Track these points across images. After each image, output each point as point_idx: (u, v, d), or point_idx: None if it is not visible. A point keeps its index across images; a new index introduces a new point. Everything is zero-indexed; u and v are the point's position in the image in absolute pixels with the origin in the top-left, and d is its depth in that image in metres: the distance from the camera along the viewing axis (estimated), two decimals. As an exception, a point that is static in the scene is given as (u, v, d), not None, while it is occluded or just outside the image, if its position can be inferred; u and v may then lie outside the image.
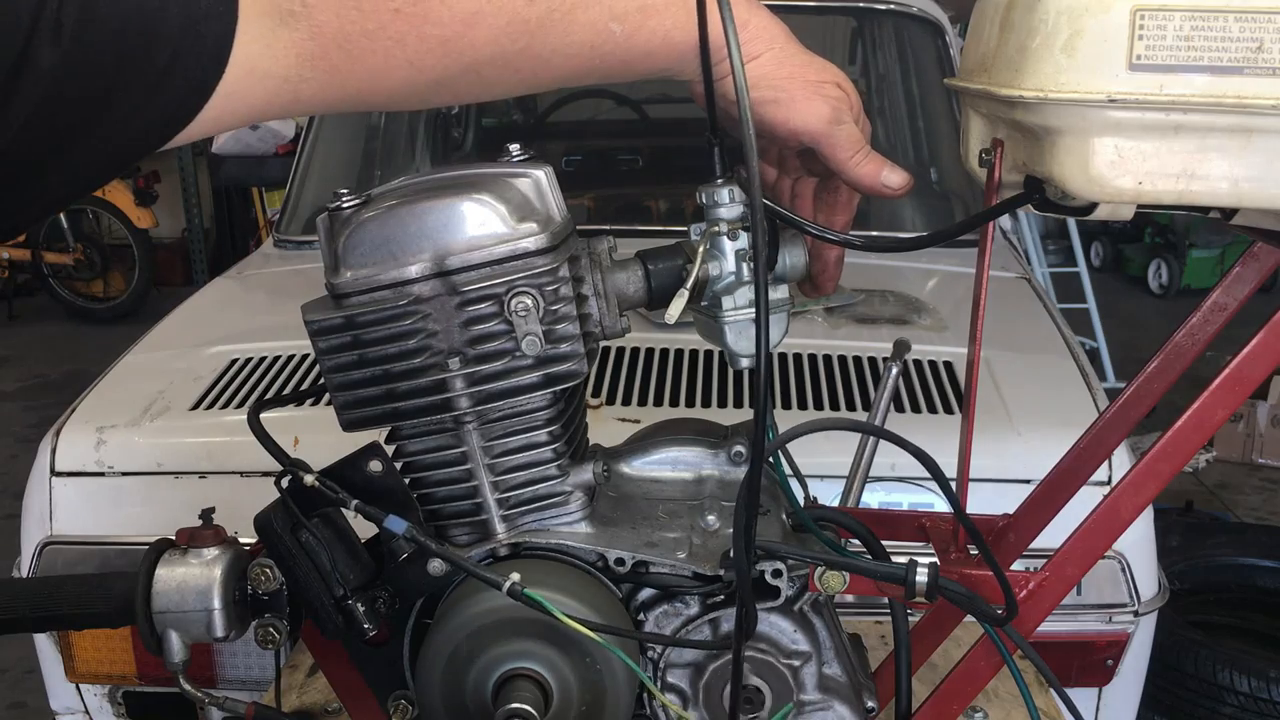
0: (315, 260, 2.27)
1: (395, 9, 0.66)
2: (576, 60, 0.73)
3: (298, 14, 0.63)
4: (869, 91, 3.28)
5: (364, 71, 0.67)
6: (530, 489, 0.86)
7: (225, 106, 0.62)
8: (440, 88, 0.71)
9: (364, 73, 0.67)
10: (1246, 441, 4.48)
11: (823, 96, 0.80)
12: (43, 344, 6.39)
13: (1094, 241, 7.55)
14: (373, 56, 0.66)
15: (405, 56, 0.67)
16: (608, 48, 0.73)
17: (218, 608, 0.85)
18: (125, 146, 0.61)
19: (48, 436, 1.73)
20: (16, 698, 3.07)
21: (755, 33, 0.78)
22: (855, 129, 0.81)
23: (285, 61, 0.64)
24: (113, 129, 0.59)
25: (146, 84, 0.58)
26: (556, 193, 0.84)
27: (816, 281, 0.89)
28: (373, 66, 0.67)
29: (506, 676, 0.82)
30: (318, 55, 0.65)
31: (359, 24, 0.65)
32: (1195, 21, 0.66)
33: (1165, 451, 0.80)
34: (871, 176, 0.82)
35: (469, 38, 0.68)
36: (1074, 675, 1.66)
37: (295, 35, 0.63)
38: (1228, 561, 2.88)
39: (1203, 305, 0.91)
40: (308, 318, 0.81)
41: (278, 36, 0.63)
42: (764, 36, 0.78)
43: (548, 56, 0.72)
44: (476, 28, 0.68)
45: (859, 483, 1.05)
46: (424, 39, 0.67)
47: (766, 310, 0.73)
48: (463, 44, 0.68)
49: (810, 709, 0.90)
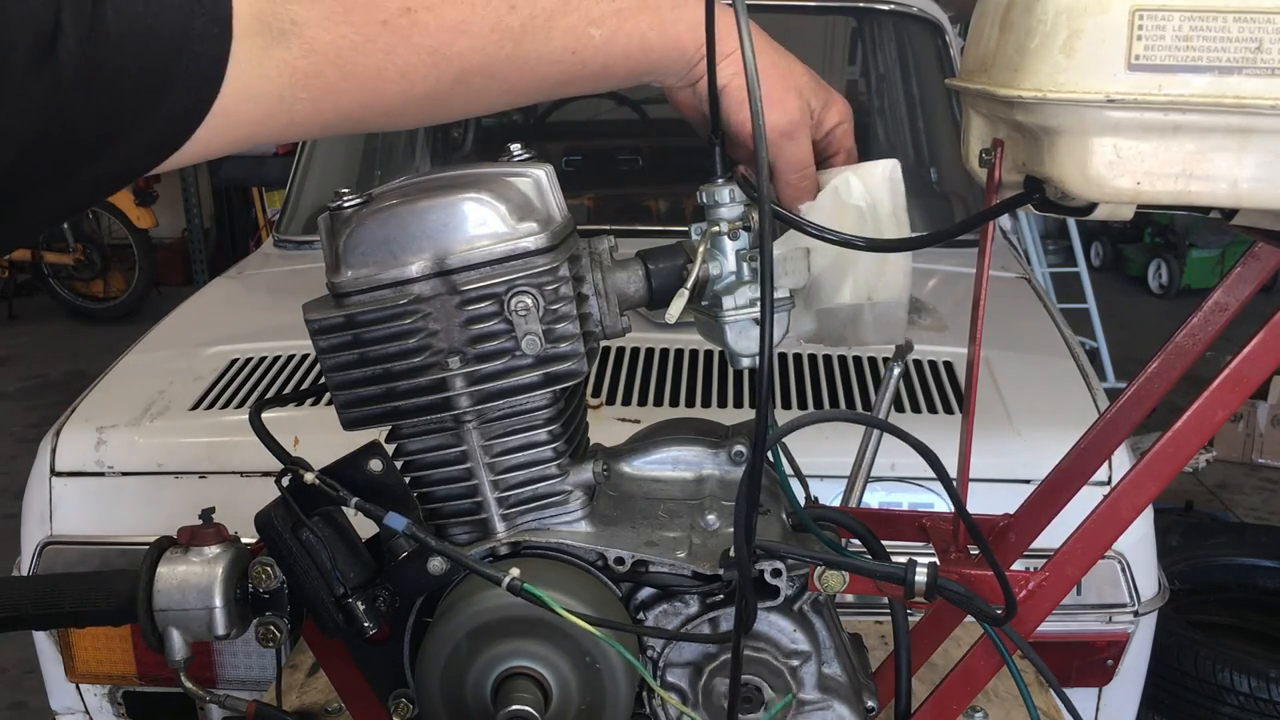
0: (315, 260, 2.27)
1: (383, 21, 0.66)
2: (559, 67, 0.74)
3: (289, 32, 0.63)
4: (869, 92, 3.28)
5: (357, 87, 0.67)
6: (530, 488, 0.86)
7: (219, 128, 0.62)
8: (432, 102, 0.72)
9: (357, 89, 0.67)
10: (1246, 441, 4.48)
11: (783, 106, 0.81)
12: (43, 344, 6.39)
13: (1094, 241, 7.55)
14: (365, 71, 0.67)
15: (396, 69, 0.68)
16: (588, 52, 0.74)
17: (219, 606, 0.85)
18: (117, 170, 0.60)
19: (48, 436, 1.73)
20: (16, 698, 3.07)
21: (726, 30, 0.78)
22: (805, 146, 0.82)
23: (279, 81, 0.64)
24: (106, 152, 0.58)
25: (140, 105, 0.58)
26: (557, 192, 0.84)
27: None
28: (365, 81, 0.67)
29: (506, 675, 0.82)
30: (311, 74, 0.65)
31: (349, 38, 0.65)
32: (1194, 22, 0.66)
33: (1165, 452, 0.80)
34: (791, 199, 0.84)
35: (457, 46, 0.69)
36: (1074, 675, 1.66)
37: (288, 54, 0.63)
38: (1228, 561, 2.88)
39: (1203, 305, 0.91)
40: (308, 317, 0.81)
41: (270, 55, 0.63)
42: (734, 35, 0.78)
43: (532, 64, 0.73)
44: (463, 36, 0.69)
45: (861, 482, 1.05)
46: (414, 49, 0.68)
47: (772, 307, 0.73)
48: (451, 53, 0.69)
49: (810, 708, 0.90)
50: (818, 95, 0.83)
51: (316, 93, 0.66)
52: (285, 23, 0.63)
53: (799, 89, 0.81)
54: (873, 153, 0.87)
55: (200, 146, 0.63)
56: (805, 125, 0.82)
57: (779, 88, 0.80)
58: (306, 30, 0.64)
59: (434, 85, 0.70)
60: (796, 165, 0.83)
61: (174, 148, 0.62)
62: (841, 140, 0.86)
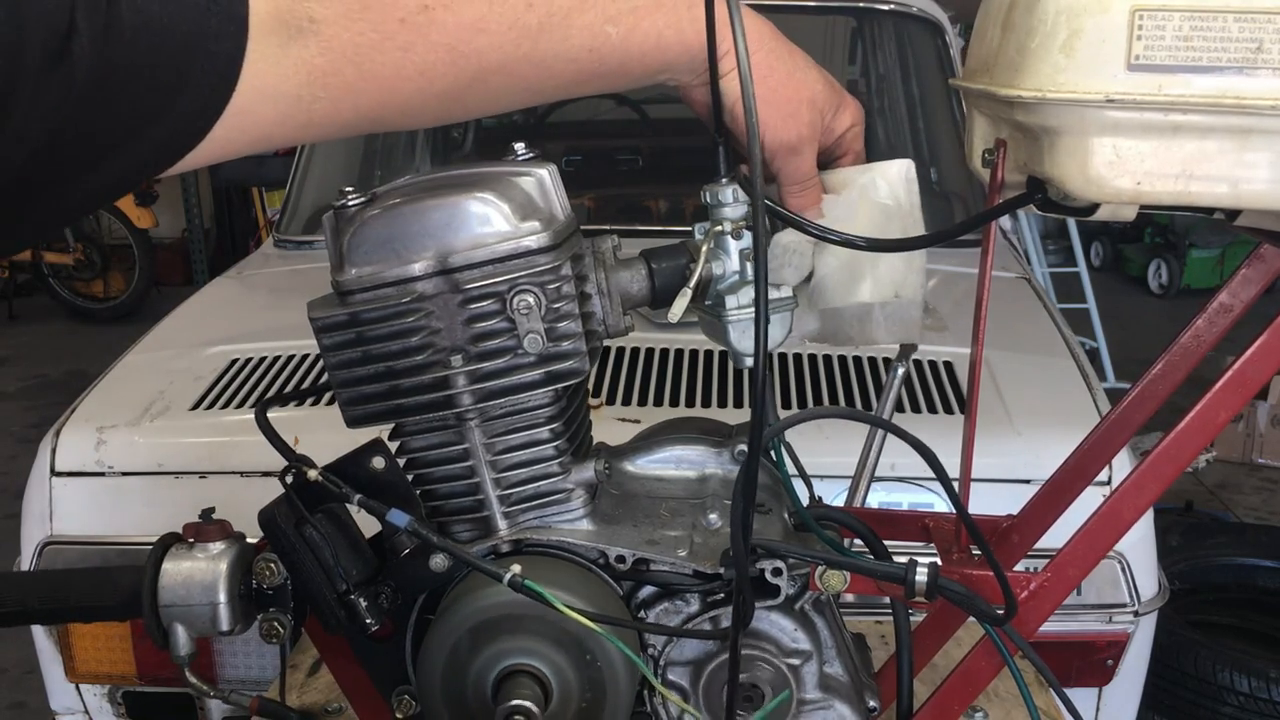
0: (315, 260, 2.28)
1: (401, 19, 0.66)
2: (576, 65, 0.74)
3: (306, 30, 0.63)
4: (869, 92, 3.28)
5: (375, 85, 0.67)
6: (532, 486, 0.87)
7: (235, 126, 0.62)
8: (450, 100, 0.72)
9: (375, 87, 0.67)
10: (1246, 441, 4.48)
11: (794, 121, 0.80)
12: (43, 344, 6.39)
13: (1094, 241, 7.55)
14: (383, 69, 0.66)
15: (415, 66, 0.67)
16: (605, 50, 0.74)
17: (223, 602, 0.85)
18: (131, 169, 0.60)
19: (48, 436, 1.73)
20: (16, 698, 3.07)
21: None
22: (809, 159, 0.82)
23: (296, 80, 0.63)
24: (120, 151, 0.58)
25: (155, 104, 0.58)
26: (560, 191, 0.84)
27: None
28: (383, 79, 0.67)
29: (507, 672, 0.83)
30: (329, 72, 0.64)
31: (368, 35, 0.65)
32: (1194, 22, 0.66)
33: (1168, 453, 0.80)
34: (798, 208, 0.84)
35: (475, 44, 0.69)
36: (1074, 675, 1.66)
37: (305, 52, 0.63)
38: (1228, 561, 2.88)
39: (1208, 307, 0.90)
40: (313, 314, 0.82)
41: (288, 54, 0.62)
42: (752, 38, 0.78)
43: (550, 62, 0.73)
44: (481, 34, 0.69)
45: (865, 482, 1.05)
46: (432, 46, 0.67)
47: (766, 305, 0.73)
48: (469, 50, 0.69)
49: (811, 708, 0.90)
50: (830, 101, 0.82)
51: (335, 91, 0.65)
52: (303, 20, 0.62)
53: (811, 100, 0.81)
54: (872, 153, 0.87)
55: (216, 147, 0.62)
56: (813, 140, 0.82)
57: (791, 100, 0.80)
58: (324, 28, 0.63)
59: (452, 83, 0.70)
60: (798, 179, 0.83)
61: (188, 147, 0.61)
62: (851, 143, 0.86)
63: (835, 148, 0.86)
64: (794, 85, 0.80)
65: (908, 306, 0.86)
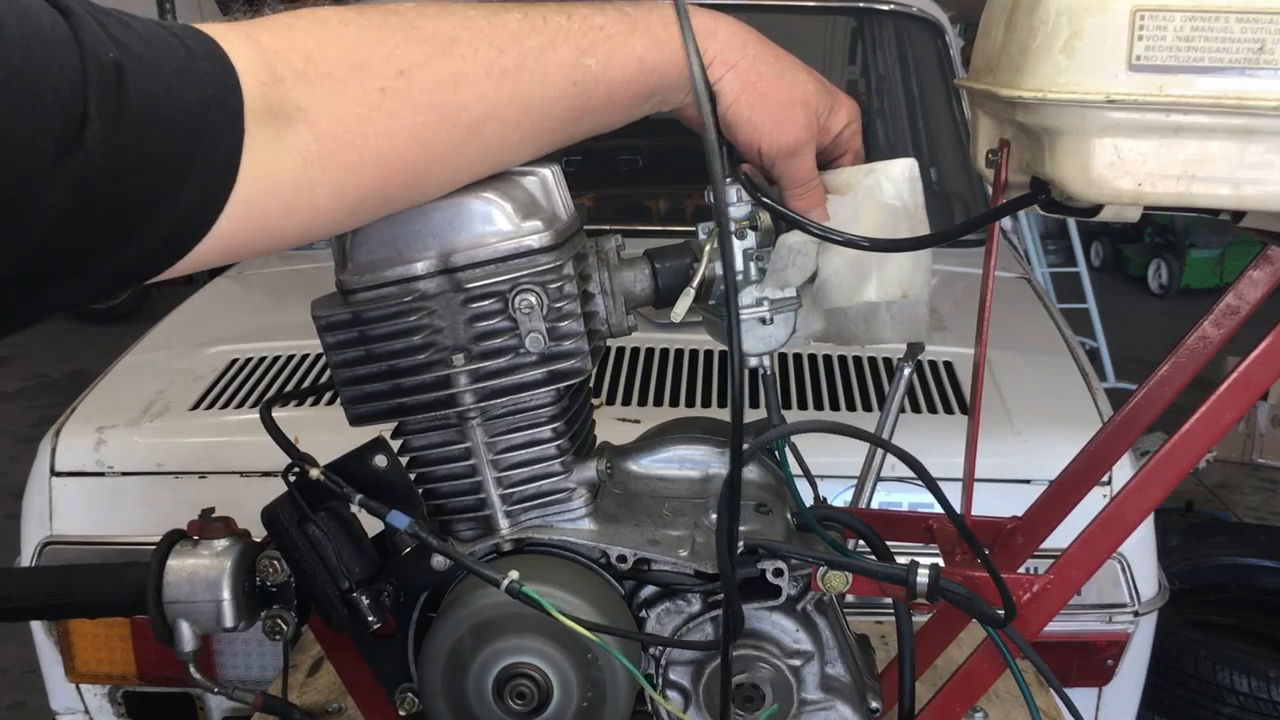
0: (315, 260, 2.28)
1: (381, 88, 0.67)
2: (564, 101, 0.74)
3: (296, 118, 0.63)
4: (869, 92, 3.28)
5: (373, 160, 0.67)
6: (534, 485, 0.87)
7: (239, 218, 0.62)
8: (452, 160, 0.72)
9: (373, 162, 0.68)
10: (1246, 441, 4.48)
11: (789, 124, 0.80)
12: (43, 344, 6.38)
13: (1094, 241, 7.55)
14: (376, 141, 0.67)
15: (407, 131, 0.68)
16: (589, 82, 0.74)
17: (227, 598, 0.86)
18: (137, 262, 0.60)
19: (48, 436, 1.73)
20: (16, 698, 3.06)
21: (726, 41, 0.78)
22: (808, 161, 0.82)
23: (294, 168, 0.64)
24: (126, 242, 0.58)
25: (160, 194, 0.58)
26: (563, 191, 0.84)
27: None
28: (379, 152, 0.67)
29: (507, 672, 0.83)
30: (325, 155, 0.65)
31: (353, 111, 0.66)
32: (1196, 22, 0.66)
33: (1172, 455, 0.79)
34: (801, 210, 0.83)
35: (459, 97, 0.69)
36: (1074, 675, 1.66)
37: (299, 140, 0.64)
38: (1228, 561, 2.88)
39: (1214, 308, 0.90)
40: (316, 313, 0.82)
41: (283, 143, 0.63)
42: (735, 44, 0.78)
43: (537, 102, 0.73)
44: (462, 85, 0.69)
45: (870, 484, 1.05)
46: (418, 108, 0.68)
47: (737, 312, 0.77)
48: (455, 104, 0.69)
49: (812, 708, 0.90)
50: (824, 102, 0.82)
51: (334, 174, 0.66)
52: (291, 110, 0.63)
53: (804, 101, 0.80)
54: (872, 153, 0.87)
55: (221, 242, 0.62)
56: (810, 141, 0.82)
57: (784, 104, 0.79)
58: (311, 113, 0.64)
59: (447, 140, 0.70)
60: (799, 181, 0.82)
61: (194, 239, 0.61)
62: (849, 142, 0.86)
63: (834, 147, 0.86)
64: (784, 88, 0.80)
65: (915, 306, 0.86)
